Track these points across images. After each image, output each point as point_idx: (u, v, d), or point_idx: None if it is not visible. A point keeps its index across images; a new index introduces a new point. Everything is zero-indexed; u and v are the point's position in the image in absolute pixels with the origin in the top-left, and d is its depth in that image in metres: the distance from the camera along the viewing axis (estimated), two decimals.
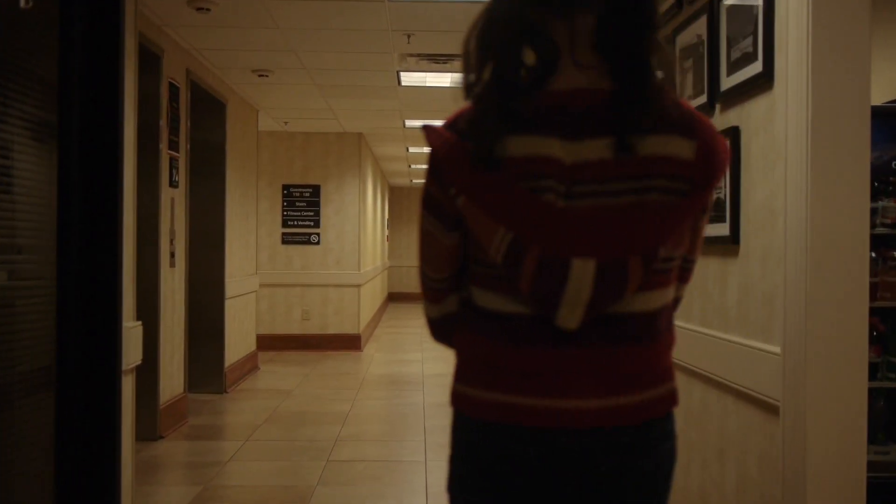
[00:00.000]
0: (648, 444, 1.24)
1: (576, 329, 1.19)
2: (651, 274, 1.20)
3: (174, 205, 5.77)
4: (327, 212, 10.29)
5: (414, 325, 13.74)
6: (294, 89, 7.58)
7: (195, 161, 7.03)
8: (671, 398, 1.28)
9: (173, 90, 5.72)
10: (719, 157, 1.22)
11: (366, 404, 6.82)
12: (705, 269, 3.02)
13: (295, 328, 10.20)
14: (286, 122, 9.50)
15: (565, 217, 1.17)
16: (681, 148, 1.19)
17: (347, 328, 10.26)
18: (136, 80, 3.28)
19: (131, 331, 3.11)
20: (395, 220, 19.56)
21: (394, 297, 19.28)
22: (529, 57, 1.22)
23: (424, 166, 1.33)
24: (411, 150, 12.10)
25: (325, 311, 10.23)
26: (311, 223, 10.26)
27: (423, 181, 1.31)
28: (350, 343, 10.23)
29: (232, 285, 7.43)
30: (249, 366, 8.25)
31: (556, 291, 1.16)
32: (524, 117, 1.20)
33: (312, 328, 10.21)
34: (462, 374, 1.29)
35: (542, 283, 1.17)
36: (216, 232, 7.12)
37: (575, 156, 1.18)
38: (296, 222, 10.25)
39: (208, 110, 7.10)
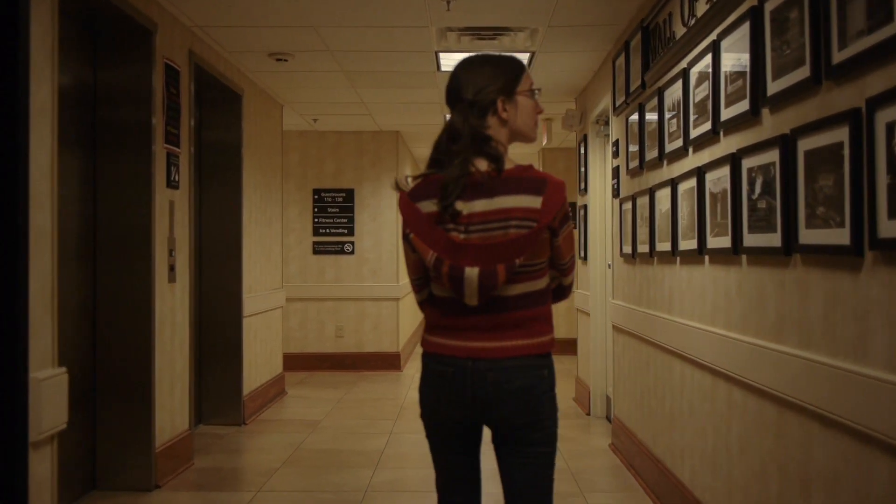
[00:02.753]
0: (520, 369, 2.08)
1: (477, 304, 2.07)
2: (514, 274, 2.06)
3: (174, 209, 4.88)
4: (362, 218, 9.38)
5: None
6: (319, 79, 6.67)
7: (206, 160, 6.17)
8: (538, 346, 2.10)
9: (171, 74, 4.83)
10: (554, 205, 2.05)
11: (404, 439, 5.86)
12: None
13: (328, 346, 9.29)
14: (315, 120, 8.61)
15: (460, 245, 2.06)
16: (531, 201, 2.04)
17: (385, 346, 9.33)
18: (55, 18, 2.35)
19: (47, 383, 2.17)
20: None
21: None
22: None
23: None
24: None
25: (360, 327, 9.31)
26: (345, 231, 9.36)
27: None
28: (388, 362, 9.29)
29: (251, 301, 6.54)
30: (274, 391, 7.34)
31: (459, 285, 2.05)
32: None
33: (347, 346, 9.30)
34: (426, 328, 2.21)
35: (452, 281, 2.06)
36: (231, 241, 6.24)
37: (469, 209, 2.06)
38: (328, 230, 9.36)
39: (221, 102, 6.22)
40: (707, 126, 3.37)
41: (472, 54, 2.21)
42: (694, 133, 3.57)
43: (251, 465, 5.27)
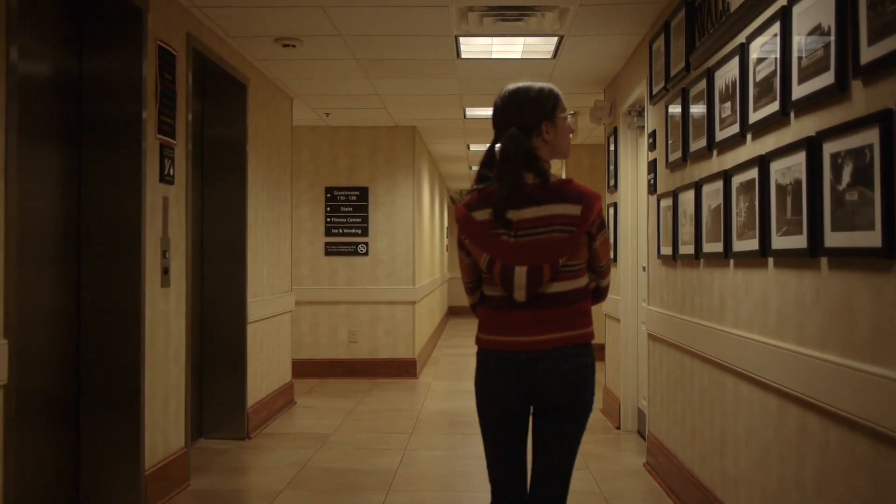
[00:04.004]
0: (566, 357, 2.40)
1: (525, 301, 2.39)
2: (557, 273, 2.39)
3: (168, 206, 4.45)
4: (376, 217, 8.93)
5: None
6: (330, 68, 6.23)
7: (209, 155, 5.75)
8: (580, 336, 2.42)
9: (166, 57, 4.41)
10: (592, 213, 2.40)
11: (419, 457, 5.40)
12: None
13: (340, 352, 8.85)
14: (327, 114, 8.17)
15: (511, 247, 2.39)
16: (571, 209, 2.38)
17: (401, 352, 8.88)
18: None
19: None
20: (454, 228, 18.13)
21: (454, 312, 17.88)
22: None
23: None
24: (473, 147, 10.68)
25: (374, 332, 8.87)
26: (359, 231, 8.92)
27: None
28: (403, 369, 8.84)
29: (257, 306, 6.11)
30: (282, 401, 6.91)
31: (509, 282, 2.38)
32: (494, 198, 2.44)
33: (360, 352, 8.85)
34: (479, 327, 2.51)
35: (503, 279, 2.39)
36: (234, 242, 5.81)
37: (519, 216, 2.39)
38: (340, 230, 8.92)
39: (224, 93, 5.80)
40: (773, 107, 2.89)
41: (513, 86, 2.58)
42: (754, 116, 3.10)
43: (252, 486, 4.83)
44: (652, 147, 5.03)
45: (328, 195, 8.94)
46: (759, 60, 3.04)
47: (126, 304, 4.07)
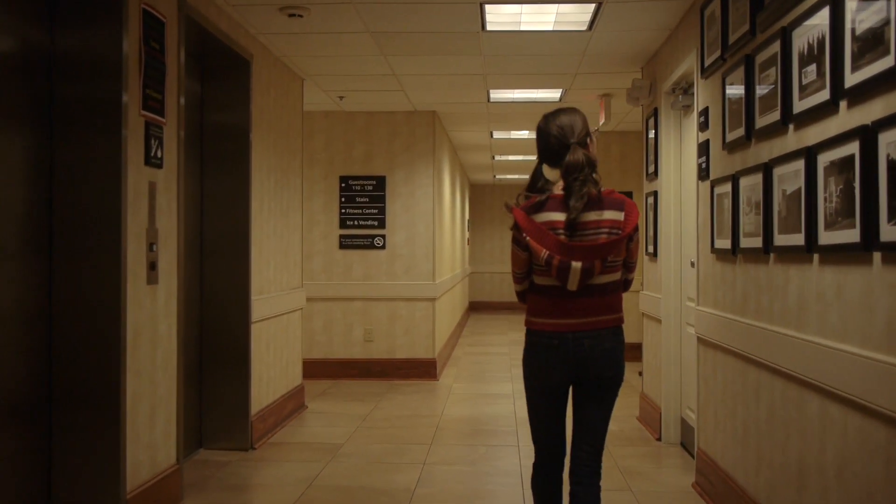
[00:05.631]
0: (607, 336, 2.85)
1: (576, 290, 2.79)
2: (604, 268, 2.80)
3: (155, 193, 3.92)
4: (394, 208, 8.38)
5: (499, 341, 11.75)
6: (343, 42, 5.68)
7: (209, 141, 5.25)
8: (616, 319, 2.89)
9: (152, 24, 3.88)
10: (633, 219, 2.83)
11: (440, 472, 4.86)
12: None
13: (356, 351, 8.32)
14: (341, 97, 7.63)
15: (569, 246, 2.77)
16: (617, 215, 2.81)
17: (420, 352, 8.34)
18: None
19: None
20: (476, 221, 17.60)
21: (475, 307, 17.34)
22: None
23: (508, 158, 11.77)
24: (496, 135, 10.11)
25: (392, 330, 8.33)
26: (375, 223, 8.38)
27: (508, 180, 14.71)
28: (423, 370, 8.29)
29: (263, 304, 5.58)
30: (291, 406, 6.39)
31: (565, 275, 2.76)
32: (552, 203, 2.86)
33: (377, 351, 8.32)
34: (530, 312, 2.93)
35: (560, 272, 2.77)
36: (237, 236, 5.28)
37: (581, 219, 2.79)
38: (356, 222, 8.38)
39: (225, 70, 5.27)
40: (883, 63, 2.31)
41: (557, 110, 2.97)
42: (853, 79, 2.52)
43: None
44: (703, 127, 4.44)
45: (343, 185, 8.40)
46: (862, 6, 2.46)
47: (104, 304, 3.55)
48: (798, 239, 2.98)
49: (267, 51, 5.76)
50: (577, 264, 2.74)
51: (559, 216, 2.79)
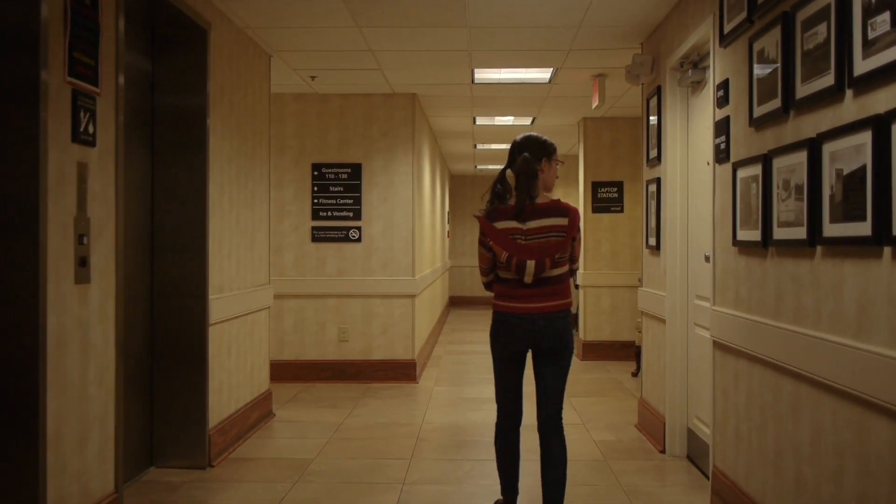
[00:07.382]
0: (556, 318, 3.50)
1: (531, 282, 3.48)
2: (553, 264, 3.47)
3: (86, 175, 3.32)
4: (371, 198, 7.80)
5: (481, 338, 11.18)
6: (313, 11, 5.09)
7: (162, 123, 4.65)
8: (565, 304, 3.53)
9: None
10: (575, 223, 3.51)
11: (421, 494, 4.30)
12: None
13: (329, 352, 7.74)
14: (313, 77, 7.03)
15: (524, 247, 3.46)
16: (562, 221, 3.49)
17: (398, 352, 7.77)
18: None
19: None
20: (456, 213, 17.03)
21: (456, 302, 16.81)
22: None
23: (491, 147, 11.96)
24: (480, 121, 9.54)
25: (368, 329, 7.75)
26: (350, 213, 7.79)
27: (490, 170, 15.17)
28: (401, 372, 7.72)
29: (223, 303, 4.99)
30: (257, 415, 5.80)
31: (522, 270, 3.45)
32: (508, 213, 3.55)
33: (352, 352, 7.74)
34: (497, 297, 3.59)
35: (518, 268, 3.45)
36: (192, 228, 4.68)
37: (526, 226, 3.48)
38: (330, 213, 7.79)
39: (177, 41, 4.67)
40: None
41: (530, 133, 3.69)
42: None
43: None
44: (722, 102, 3.90)
45: (315, 173, 7.80)
46: None
47: (16, 307, 2.95)
48: (859, 228, 2.44)
49: (227, 20, 5.16)
50: (531, 262, 3.45)
51: (515, 224, 3.49)
